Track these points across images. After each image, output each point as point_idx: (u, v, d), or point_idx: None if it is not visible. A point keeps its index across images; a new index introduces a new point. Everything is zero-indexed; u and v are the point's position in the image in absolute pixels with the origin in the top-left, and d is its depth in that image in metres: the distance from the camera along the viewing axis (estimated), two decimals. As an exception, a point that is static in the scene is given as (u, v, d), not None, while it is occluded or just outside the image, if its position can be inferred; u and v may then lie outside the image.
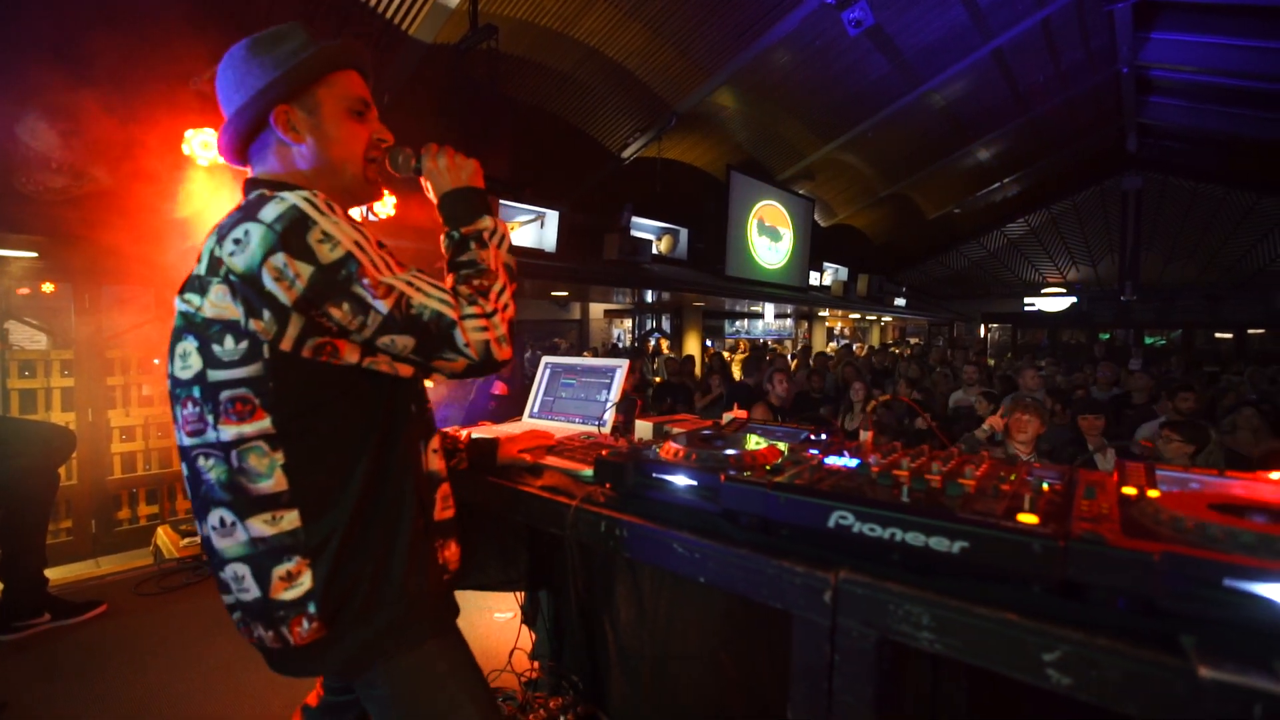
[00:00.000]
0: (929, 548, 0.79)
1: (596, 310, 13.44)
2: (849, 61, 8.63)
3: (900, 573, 0.81)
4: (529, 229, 8.09)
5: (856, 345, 16.49)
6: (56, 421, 3.91)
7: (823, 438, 1.30)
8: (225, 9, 4.59)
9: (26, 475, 2.73)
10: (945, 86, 9.51)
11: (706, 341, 13.47)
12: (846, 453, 1.12)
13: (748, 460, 1.06)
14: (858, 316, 17.84)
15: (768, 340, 15.81)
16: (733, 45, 7.70)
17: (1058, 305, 17.69)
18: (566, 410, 1.89)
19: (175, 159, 3.44)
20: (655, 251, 9.88)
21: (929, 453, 1.09)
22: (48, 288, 5.25)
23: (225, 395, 0.93)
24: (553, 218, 8.02)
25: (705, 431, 1.33)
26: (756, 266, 11.42)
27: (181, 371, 0.97)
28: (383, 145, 1.15)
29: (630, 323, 14.08)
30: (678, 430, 1.53)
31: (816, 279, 13.92)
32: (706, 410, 6.01)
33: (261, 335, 0.92)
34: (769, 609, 0.89)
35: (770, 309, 15.29)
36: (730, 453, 1.09)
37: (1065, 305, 17.59)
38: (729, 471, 1.00)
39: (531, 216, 8.04)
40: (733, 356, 11.73)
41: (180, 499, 4.49)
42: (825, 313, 15.85)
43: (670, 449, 1.15)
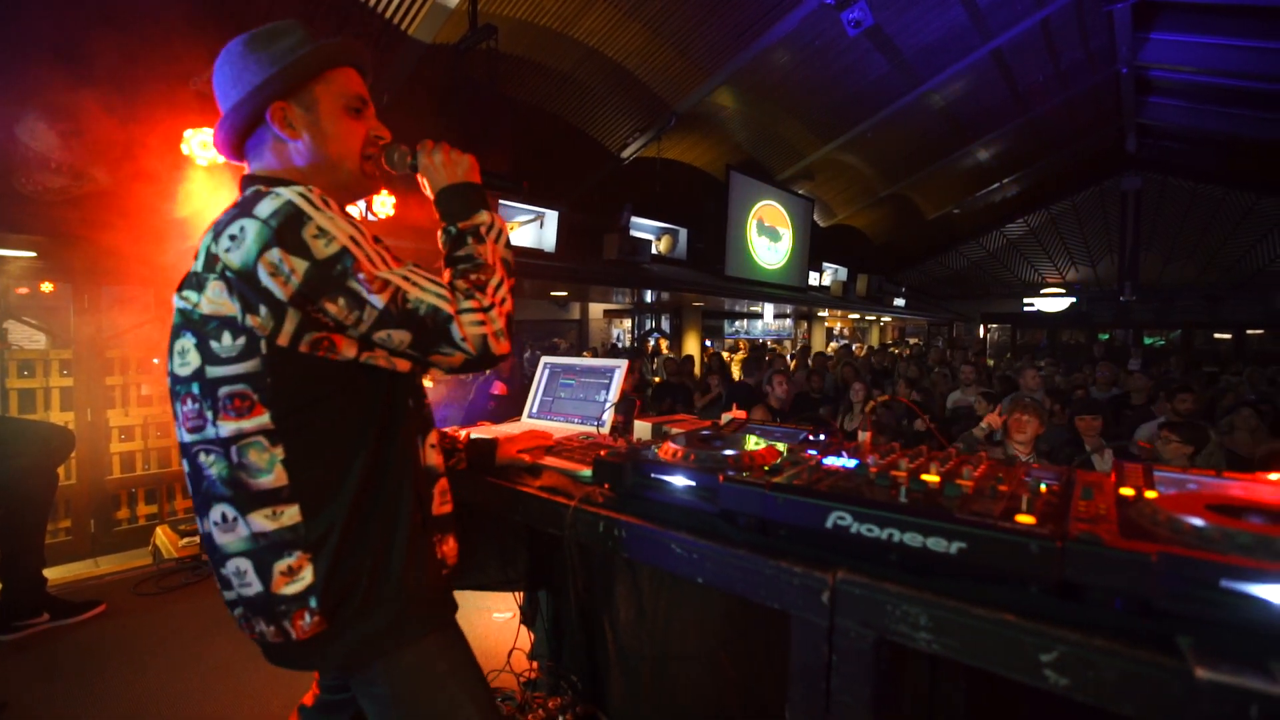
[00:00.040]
0: (927, 548, 0.79)
1: (596, 310, 13.44)
2: (848, 62, 8.64)
3: (898, 573, 0.81)
4: (528, 229, 8.09)
5: (856, 345, 16.49)
6: (55, 421, 3.91)
7: (821, 438, 1.30)
8: (225, 9, 4.59)
9: (25, 475, 2.73)
10: (944, 87, 9.52)
11: (706, 341, 13.47)
12: (845, 453, 1.12)
13: (746, 461, 1.06)
14: (857, 317, 17.85)
15: (767, 340, 15.80)
16: (732, 45, 7.71)
17: (1057, 306, 17.70)
18: (565, 410, 1.89)
19: (174, 159, 3.44)
20: (655, 251, 9.89)
21: (927, 453, 1.09)
22: (47, 287, 5.25)
23: (224, 391, 0.94)
24: (552, 218, 8.03)
25: (704, 432, 1.33)
26: (756, 266, 11.42)
27: (180, 368, 0.98)
28: (380, 142, 1.15)
29: (630, 323, 14.08)
30: (676, 431, 1.54)
31: (816, 279, 13.93)
32: (705, 410, 6.01)
33: (258, 331, 0.92)
34: (768, 609, 0.89)
35: (770, 309, 15.30)
36: (729, 453, 1.09)
37: (1064, 305, 17.60)
38: (727, 472, 1.01)
39: (531, 216, 8.04)
40: (732, 357, 11.73)
41: (179, 499, 4.49)
42: (825, 313, 15.85)
43: (669, 449, 1.15)
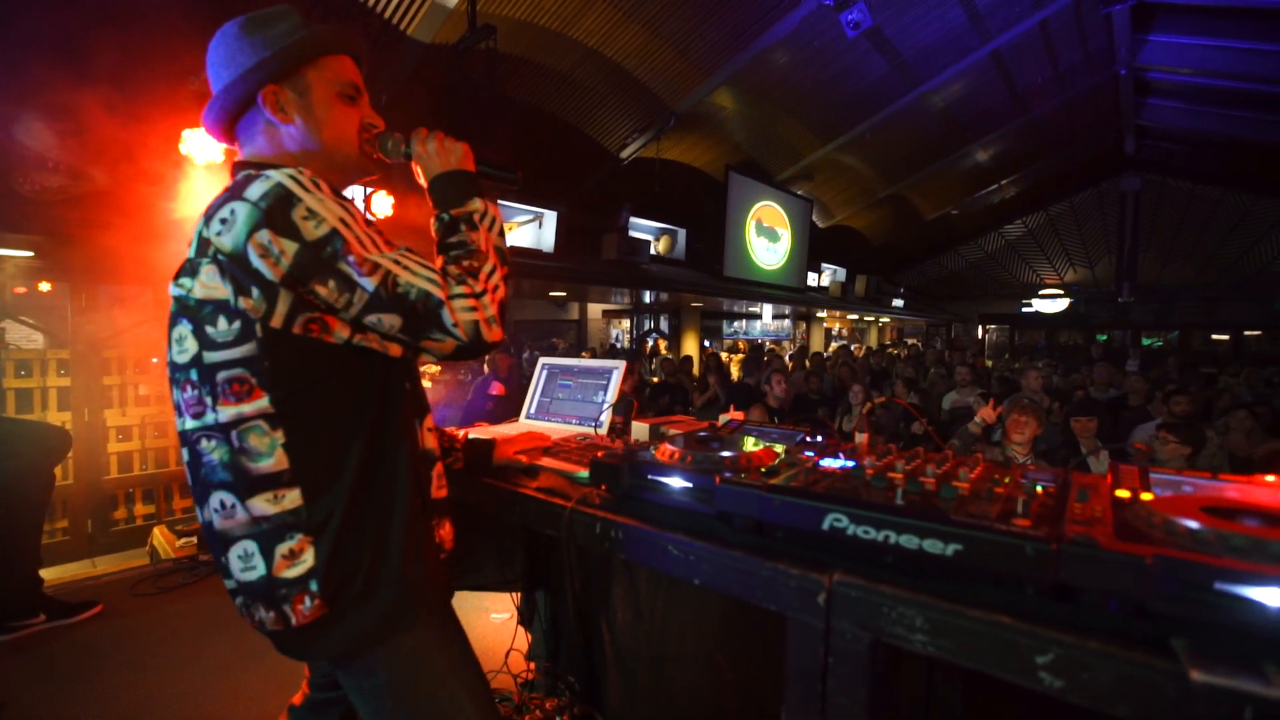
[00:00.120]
0: (923, 550, 0.79)
1: (595, 310, 13.45)
2: (847, 62, 8.65)
3: (894, 575, 0.81)
4: (527, 229, 8.09)
5: (855, 346, 16.50)
6: (52, 421, 3.91)
7: (818, 440, 1.30)
8: (225, 9, 4.58)
9: (22, 475, 2.73)
10: (943, 88, 9.53)
11: (705, 342, 13.48)
12: (842, 455, 1.12)
13: (743, 462, 1.06)
14: (855, 317, 17.87)
15: (765, 341, 15.81)
16: (731, 46, 7.71)
17: (1055, 307, 17.72)
18: (563, 411, 1.89)
19: (173, 159, 3.44)
20: (653, 252, 9.89)
21: (924, 455, 1.10)
22: (44, 287, 5.24)
23: (222, 376, 0.94)
24: (551, 218, 8.03)
25: (701, 433, 1.33)
26: (755, 267, 11.43)
27: (179, 356, 0.98)
28: (373, 130, 1.15)
29: (628, 323, 14.09)
30: (674, 432, 1.54)
31: (814, 280, 13.95)
32: (703, 410, 6.01)
33: (251, 314, 0.92)
34: (765, 611, 0.89)
35: (768, 310, 15.31)
36: (725, 455, 1.09)
37: (1062, 306, 17.63)
38: (724, 474, 1.00)
39: (529, 216, 8.05)
40: (731, 357, 11.74)
41: (177, 499, 4.48)
42: (823, 314, 15.87)
43: (666, 451, 1.15)
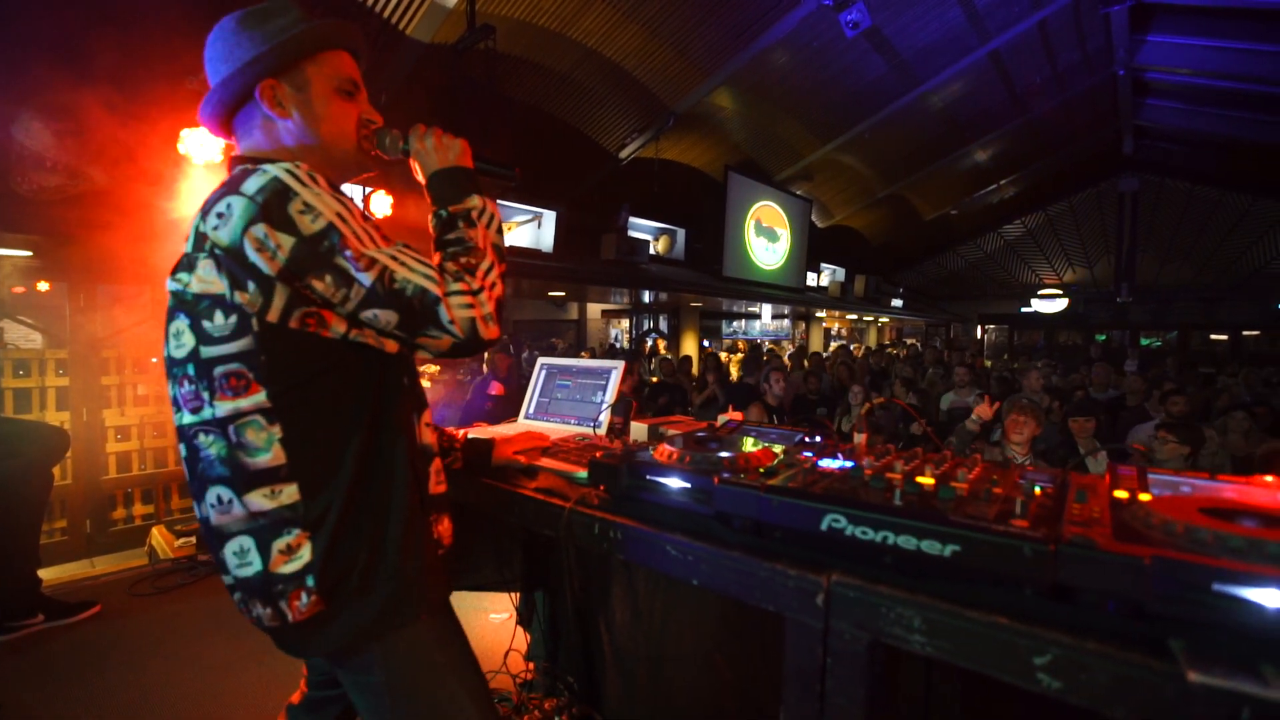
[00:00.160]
0: (921, 551, 0.79)
1: (594, 310, 13.45)
2: (847, 63, 8.65)
3: (892, 576, 0.81)
4: (526, 229, 8.09)
5: (854, 346, 16.51)
6: (51, 421, 3.90)
7: (817, 440, 1.30)
8: (224, 9, 4.58)
9: (20, 475, 2.72)
10: (943, 88, 9.54)
11: (704, 342, 13.48)
12: (840, 455, 1.12)
13: (741, 463, 1.06)
14: (855, 317, 17.88)
15: (764, 341, 15.82)
16: (730, 46, 7.71)
17: (1054, 307, 17.74)
18: (562, 412, 1.89)
19: (171, 158, 3.43)
20: (652, 252, 9.90)
21: (922, 456, 1.10)
22: (43, 286, 5.24)
23: (219, 371, 0.94)
24: (550, 218, 8.03)
25: (700, 434, 1.33)
26: (754, 267, 11.44)
27: (176, 350, 0.98)
28: (371, 126, 1.15)
29: (628, 323, 14.09)
30: (672, 432, 1.54)
31: (814, 280, 13.95)
32: (702, 410, 6.02)
33: (248, 308, 0.92)
34: (763, 611, 0.89)
35: (768, 310, 15.31)
36: (724, 455, 1.09)
37: (1061, 307, 17.65)
38: (722, 474, 1.00)
39: (528, 216, 8.05)
40: (730, 357, 11.74)
41: (175, 498, 4.48)
42: (823, 313, 15.88)
43: (664, 451, 1.15)
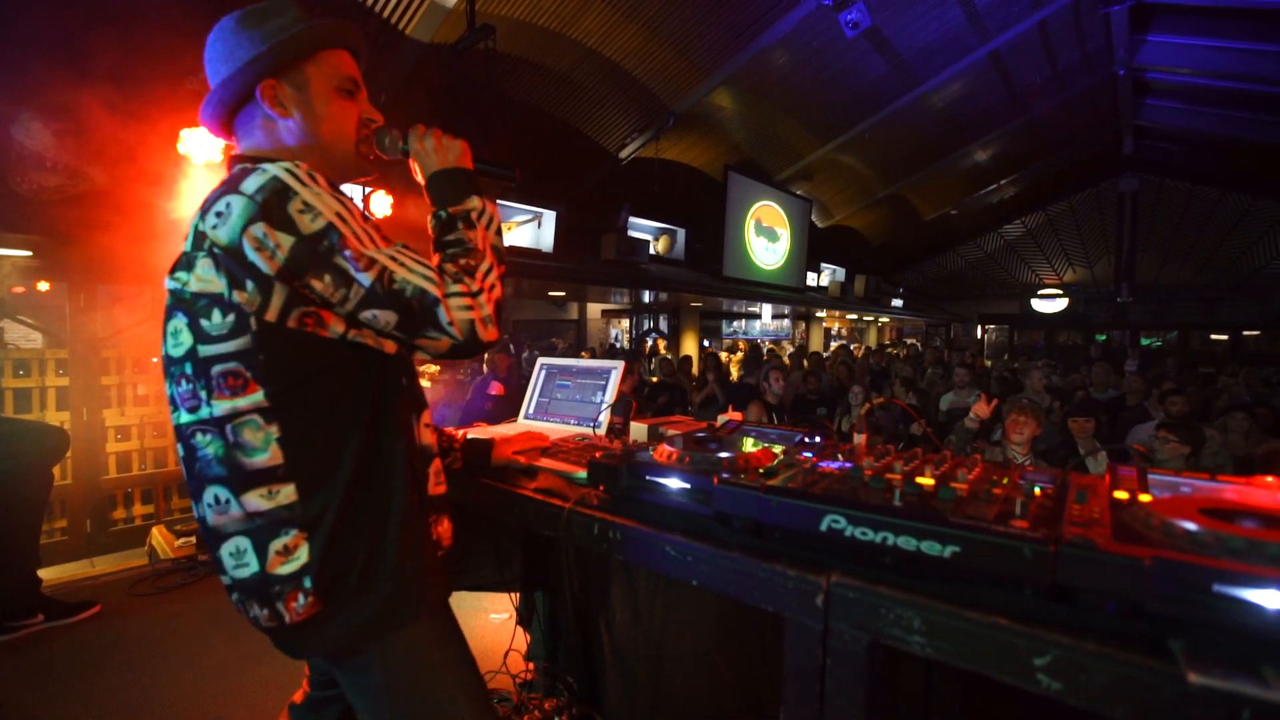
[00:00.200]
0: (920, 552, 0.79)
1: (594, 310, 13.45)
2: (846, 62, 8.65)
3: (892, 576, 0.81)
4: (526, 229, 8.09)
5: (854, 346, 16.51)
6: (51, 421, 3.90)
7: (817, 440, 1.30)
8: (225, 8, 4.58)
9: (20, 475, 2.72)
10: (942, 88, 9.54)
11: (704, 342, 13.48)
12: (840, 456, 1.12)
13: (741, 463, 1.06)
14: (855, 317, 17.87)
15: (764, 341, 15.82)
16: (730, 46, 7.71)
17: (1054, 307, 17.74)
18: (562, 412, 1.89)
19: (171, 158, 3.43)
20: (652, 252, 9.89)
21: (922, 456, 1.09)
22: (43, 286, 5.24)
23: (217, 370, 0.93)
24: (550, 218, 8.02)
25: (699, 434, 1.33)
26: (754, 267, 11.43)
27: (174, 349, 0.97)
28: (371, 126, 1.15)
29: (628, 323, 14.09)
30: (672, 433, 1.54)
31: (814, 279, 13.95)
32: (701, 409, 6.02)
33: (246, 307, 0.92)
34: (763, 611, 0.89)
35: (768, 310, 15.31)
36: (724, 456, 1.09)
37: (1061, 306, 17.65)
38: (722, 475, 1.00)
39: (528, 216, 8.04)
40: (731, 357, 11.74)
41: (175, 498, 4.48)
42: (823, 313, 15.87)
43: (664, 452, 1.15)
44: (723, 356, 10.72)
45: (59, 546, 3.96)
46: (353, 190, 4.51)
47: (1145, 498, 0.86)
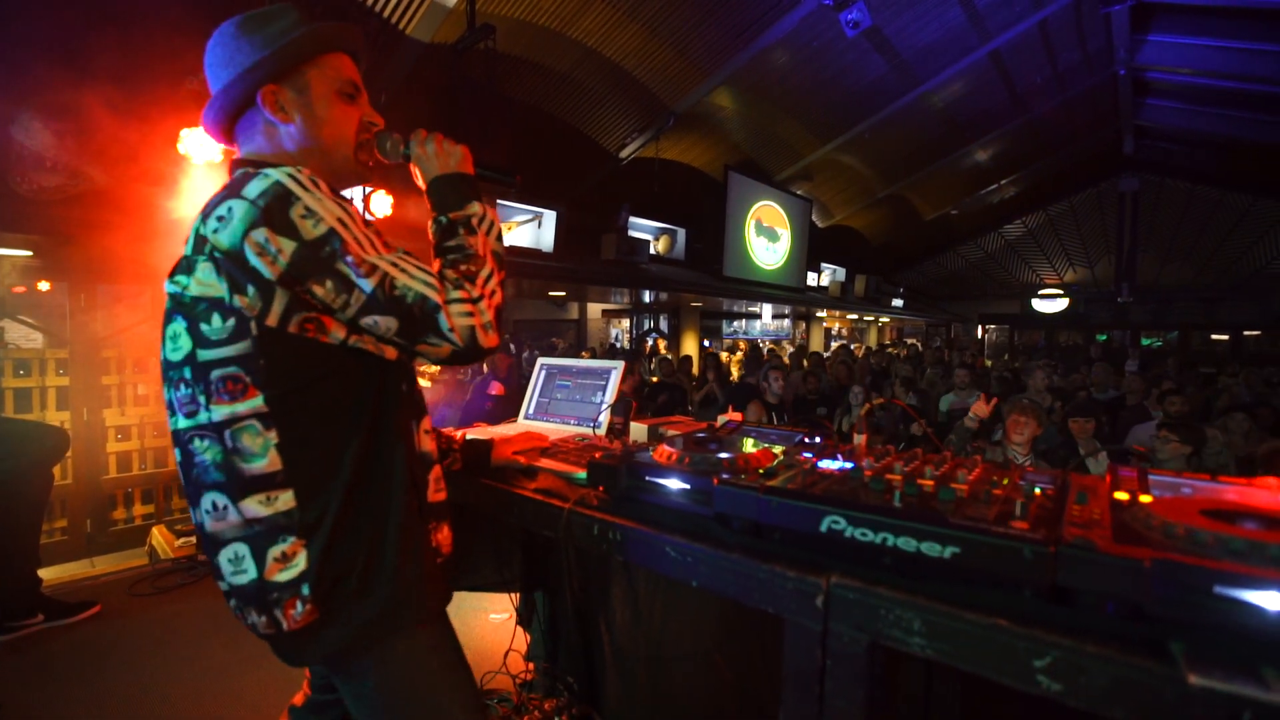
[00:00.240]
0: (920, 553, 0.79)
1: (594, 310, 13.44)
2: (847, 62, 8.65)
3: (892, 577, 0.81)
4: (526, 229, 8.08)
5: (855, 346, 16.51)
6: (51, 421, 3.90)
7: (817, 441, 1.30)
8: (224, 9, 4.58)
9: (20, 475, 2.72)
10: (943, 88, 9.53)
11: (704, 342, 13.48)
12: (840, 456, 1.12)
13: (741, 464, 1.06)
14: (855, 317, 17.87)
15: (764, 341, 15.82)
16: (730, 45, 7.71)
17: (1055, 307, 17.74)
18: (562, 412, 1.89)
19: (171, 158, 3.43)
20: (653, 251, 9.88)
21: (922, 457, 1.09)
22: (43, 286, 5.24)
23: (216, 374, 0.93)
24: (550, 218, 8.02)
25: (699, 434, 1.33)
26: (754, 267, 11.43)
27: (173, 353, 0.97)
28: (372, 129, 1.15)
29: (628, 323, 14.08)
30: (672, 433, 1.53)
31: (814, 279, 13.94)
32: (701, 408, 6.01)
33: (247, 311, 0.91)
34: (763, 612, 0.89)
35: (768, 309, 15.31)
36: (723, 456, 1.08)
37: (1062, 306, 17.65)
38: (722, 475, 1.00)
39: (529, 216, 8.04)
40: (731, 357, 11.74)
41: (175, 498, 4.48)
42: (823, 313, 15.87)
43: (664, 452, 1.15)
44: (723, 356, 10.72)
45: (59, 546, 3.96)
46: (353, 191, 4.51)
47: (1146, 499, 0.86)
